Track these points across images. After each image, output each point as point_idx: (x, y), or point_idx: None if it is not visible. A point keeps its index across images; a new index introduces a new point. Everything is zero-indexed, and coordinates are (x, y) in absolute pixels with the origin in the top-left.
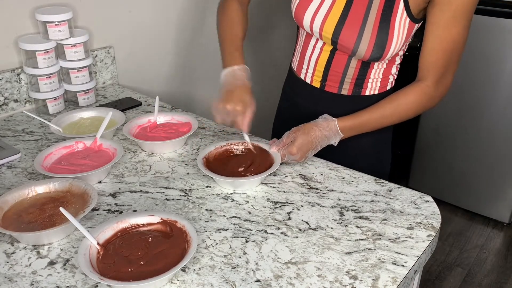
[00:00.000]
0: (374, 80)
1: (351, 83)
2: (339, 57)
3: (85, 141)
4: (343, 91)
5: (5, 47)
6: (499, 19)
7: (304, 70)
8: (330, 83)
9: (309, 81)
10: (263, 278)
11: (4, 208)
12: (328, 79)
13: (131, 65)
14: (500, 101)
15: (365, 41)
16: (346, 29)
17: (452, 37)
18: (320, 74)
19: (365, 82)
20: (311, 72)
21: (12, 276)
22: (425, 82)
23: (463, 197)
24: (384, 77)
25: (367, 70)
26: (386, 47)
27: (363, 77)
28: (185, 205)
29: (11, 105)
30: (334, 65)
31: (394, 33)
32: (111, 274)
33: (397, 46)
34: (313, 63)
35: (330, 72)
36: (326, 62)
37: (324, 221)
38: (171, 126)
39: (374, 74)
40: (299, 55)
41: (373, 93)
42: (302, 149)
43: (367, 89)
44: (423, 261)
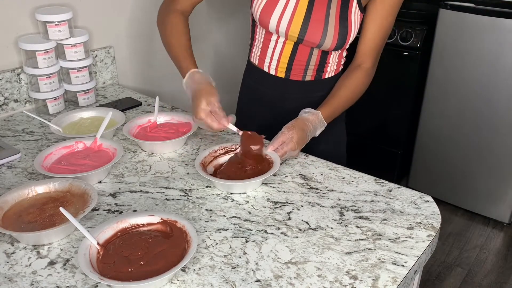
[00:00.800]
0: (332, 64)
1: (314, 70)
2: (302, 49)
3: (85, 141)
4: (307, 77)
5: (5, 47)
6: (499, 19)
7: (267, 63)
8: (295, 73)
9: (274, 72)
10: (263, 278)
11: (4, 208)
12: (293, 69)
13: (131, 65)
14: (500, 101)
15: (330, 36)
16: (312, 27)
17: (389, 25)
18: (284, 66)
19: (325, 67)
20: (274, 64)
21: (12, 276)
22: (365, 65)
23: (463, 197)
24: (338, 61)
25: (327, 57)
26: (347, 38)
27: (324, 63)
28: (185, 205)
29: (11, 105)
30: (298, 57)
31: (351, 25)
32: (111, 274)
33: (354, 35)
34: (276, 56)
35: (294, 63)
36: (290, 54)
37: (324, 221)
38: (171, 126)
39: (332, 59)
40: (259, 50)
41: (331, 76)
42: (300, 144)
43: (326, 73)
44: (423, 261)
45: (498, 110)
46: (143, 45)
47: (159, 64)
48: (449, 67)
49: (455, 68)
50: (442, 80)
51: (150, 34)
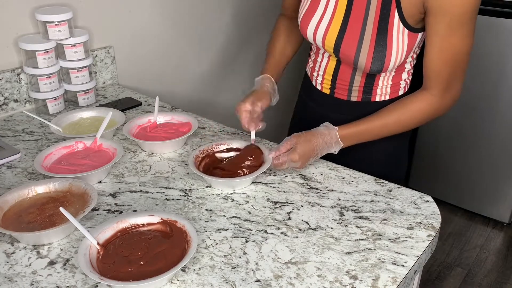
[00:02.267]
0: (383, 87)
1: (359, 91)
2: (344, 67)
3: (85, 141)
4: (352, 98)
5: (5, 47)
6: (499, 19)
7: (315, 77)
8: (339, 91)
9: (320, 87)
10: (263, 278)
11: (4, 208)
12: (337, 87)
13: (131, 65)
14: (501, 101)
15: (363, 54)
16: (346, 41)
17: (452, 47)
18: (328, 82)
19: (374, 89)
20: (320, 79)
21: (12, 276)
22: (430, 91)
23: (463, 197)
24: (394, 83)
25: (374, 78)
26: (385, 60)
27: (371, 85)
28: (185, 205)
29: (11, 105)
30: (341, 74)
31: (392, 45)
32: (111, 274)
33: (397, 58)
34: (322, 71)
35: (338, 81)
36: (333, 71)
37: (324, 221)
38: (171, 126)
39: (382, 82)
40: (312, 62)
41: (384, 99)
42: (304, 156)
43: (377, 96)
44: (423, 261)
45: (498, 110)
46: (143, 45)
47: (159, 64)
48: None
49: None
50: None
51: (150, 34)
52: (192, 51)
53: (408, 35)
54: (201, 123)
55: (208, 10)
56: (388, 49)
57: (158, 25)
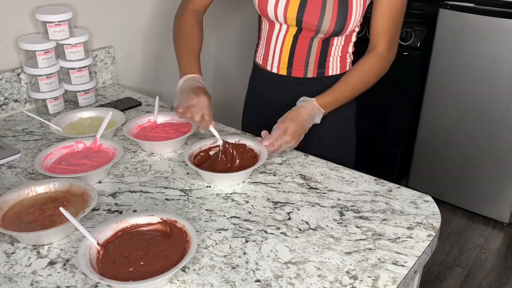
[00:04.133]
0: (334, 59)
1: (315, 63)
2: (301, 40)
3: (85, 141)
4: (308, 73)
5: (5, 47)
6: (499, 19)
7: (270, 61)
8: (296, 68)
9: (276, 70)
10: (263, 278)
11: (4, 208)
12: (294, 64)
13: (131, 65)
14: (500, 101)
15: (328, 17)
16: (309, 8)
17: (397, 2)
18: (285, 61)
19: (327, 61)
20: (277, 61)
21: (12, 276)
22: (379, 48)
23: (463, 197)
24: (342, 55)
25: (328, 48)
26: (347, 20)
27: (325, 55)
28: (185, 205)
29: (11, 105)
30: (298, 49)
31: (352, 6)
32: (111, 274)
33: (356, 18)
34: (278, 52)
35: (295, 57)
36: (290, 48)
37: (324, 221)
38: (171, 126)
39: (334, 52)
40: (263, 48)
41: (336, 73)
42: (296, 134)
43: (329, 69)
44: (423, 261)
45: (498, 110)
46: (143, 45)
47: (159, 64)
48: (449, 67)
49: (455, 68)
50: (442, 80)
51: (150, 34)
52: None
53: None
54: None
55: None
56: (350, 9)
57: (158, 25)
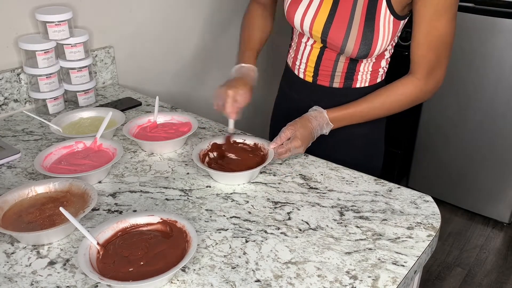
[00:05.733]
0: (364, 73)
1: (341, 77)
2: (328, 54)
3: (85, 141)
4: (334, 84)
5: (5, 47)
6: (499, 19)
7: (297, 66)
8: (322, 78)
9: (302, 76)
10: (263, 278)
11: (4, 208)
12: (320, 74)
13: (131, 65)
14: (500, 101)
15: (352, 40)
16: (334, 28)
17: (438, 31)
18: (311, 70)
19: (355, 76)
20: (303, 68)
21: (12, 276)
22: (415, 75)
23: (463, 197)
24: (373, 70)
25: (356, 65)
26: (372, 45)
27: (353, 71)
28: (185, 205)
29: (11, 105)
30: (324, 61)
31: (379, 31)
32: (111, 274)
33: (383, 44)
34: (305, 59)
35: (321, 68)
36: (317, 59)
37: (324, 221)
38: (171, 126)
39: (363, 68)
40: (293, 52)
41: (364, 85)
42: (305, 140)
43: (357, 82)
44: (423, 261)
45: (498, 110)
46: (143, 45)
47: (159, 64)
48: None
49: (455, 68)
50: None
51: (150, 34)
52: (192, 50)
53: (393, 21)
54: (201, 123)
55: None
56: (375, 35)
57: (158, 25)
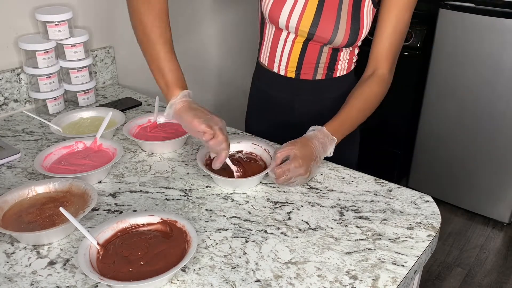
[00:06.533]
0: (343, 62)
1: (324, 68)
2: (312, 47)
3: (85, 141)
4: (317, 76)
5: (5, 47)
6: (499, 19)
7: (276, 64)
8: (305, 72)
9: (284, 73)
10: (263, 278)
11: (4, 208)
12: (303, 68)
13: (131, 65)
14: (500, 101)
15: (341, 30)
16: (323, 21)
17: (405, 21)
18: (294, 65)
19: (336, 65)
20: (284, 64)
21: (12, 276)
22: (380, 71)
23: (463, 197)
24: (350, 58)
25: (337, 54)
26: (359, 33)
27: (334, 61)
28: (185, 205)
29: (11, 105)
30: (308, 55)
31: (364, 19)
32: (111, 274)
33: (366, 31)
34: (285, 57)
35: (304, 62)
36: (300, 54)
37: (324, 221)
38: (171, 126)
39: (343, 57)
40: (269, 50)
41: (342, 74)
42: (306, 160)
43: (337, 71)
44: (423, 261)
45: (498, 110)
46: None
47: None
48: (449, 67)
49: (455, 68)
50: (442, 80)
51: None
52: (192, 50)
53: (372, 9)
54: None
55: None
56: (361, 23)
57: None
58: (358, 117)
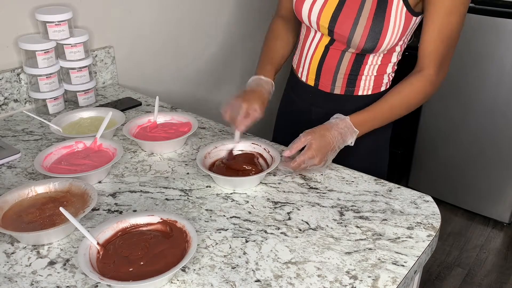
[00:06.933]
0: (368, 78)
1: (344, 80)
2: (332, 52)
3: (85, 141)
4: (335, 89)
5: (5, 47)
6: (499, 19)
7: (301, 68)
8: (323, 81)
9: (305, 79)
10: (263, 278)
11: (4, 208)
12: (322, 76)
13: (131, 65)
14: (500, 101)
15: (360, 29)
16: (343, 17)
17: (451, 25)
18: (314, 71)
19: (358, 80)
20: (306, 69)
21: (12, 276)
22: (427, 71)
23: (463, 197)
24: (378, 74)
25: (360, 66)
26: (381, 37)
27: (356, 72)
28: (185, 205)
29: (11, 105)
30: (328, 60)
31: (389, 23)
32: (111, 274)
33: (392, 37)
34: (308, 60)
35: (324, 68)
36: (320, 58)
37: (324, 221)
38: (171, 126)
39: (367, 71)
40: (298, 53)
41: (366, 94)
42: (321, 151)
43: (359, 88)
44: (423, 261)
45: (498, 109)
46: (143, 45)
47: (159, 64)
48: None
49: (455, 68)
50: None
51: (150, 34)
52: (192, 51)
53: (405, 14)
54: (201, 123)
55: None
56: (385, 25)
57: (158, 25)
58: (391, 114)
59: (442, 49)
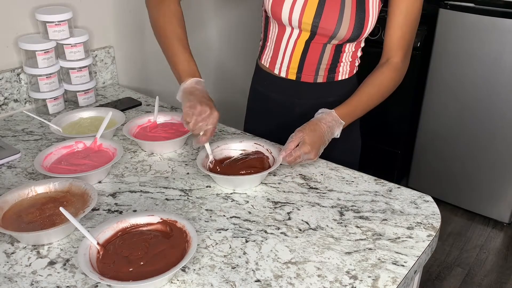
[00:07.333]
0: (345, 64)
1: (326, 70)
2: (314, 46)
3: (85, 141)
4: (318, 78)
5: (5, 47)
6: (499, 19)
7: (278, 65)
8: (306, 73)
9: (284, 74)
10: (263, 278)
11: (4, 208)
12: (304, 70)
13: (131, 65)
14: (500, 101)
15: (345, 23)
16: (326, 13)
17: (416, 10)
18: (295, 66)
19: (338, 67)
20: (286, 65)
21: (12, 276)
22: (394, 60)
23: (463, 197)
24: (352, 60)
25: (340, 55)
26: (364, 26)
27: (336, 61)
28: (185, 205)
29: (11, 105)
30: (310, 55)
31: (369, 12)
32: (111, 274)
33: (372, 24)
34: (287, 57)
35: (306, 63)
36: (301, 54)
37: (324, 221)
38: (171, 126)
39: (345, 58)
40: (271, 51)
41: (344, 78)
42: (315, 146)
43: (339, 74)
44: (423, 261)
45: (498, 110)
46: (143, 45)
47: (159, 64)
48: (449, 67)
49: (455, 68)
50: (442, 80)
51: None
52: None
53: (378, 3)
54: None
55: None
56: (367, 15)
57: None
58: (369, 103)
59: (407, 38)
